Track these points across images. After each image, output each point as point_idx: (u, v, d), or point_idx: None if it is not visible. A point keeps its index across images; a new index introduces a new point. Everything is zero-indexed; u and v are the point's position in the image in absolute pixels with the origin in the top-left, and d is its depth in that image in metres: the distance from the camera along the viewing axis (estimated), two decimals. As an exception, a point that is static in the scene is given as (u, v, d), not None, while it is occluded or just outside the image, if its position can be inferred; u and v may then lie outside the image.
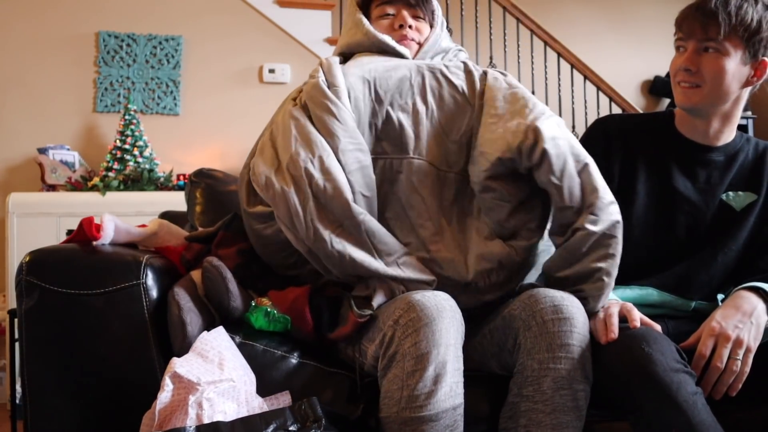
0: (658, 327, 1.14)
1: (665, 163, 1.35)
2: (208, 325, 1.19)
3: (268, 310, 1.21)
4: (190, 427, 0.99)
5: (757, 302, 1.17)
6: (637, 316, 1.14)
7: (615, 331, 1.11)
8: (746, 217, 1.32)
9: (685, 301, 1.33)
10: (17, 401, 2.18)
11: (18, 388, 2.13)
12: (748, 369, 1.12)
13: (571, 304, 1.10)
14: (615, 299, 1.24)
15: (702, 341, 1.13)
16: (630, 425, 1.07)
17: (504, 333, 1.14)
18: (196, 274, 1.26)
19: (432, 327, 1.03)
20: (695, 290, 1.33)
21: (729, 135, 1.35)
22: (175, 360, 1.09)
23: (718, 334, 1.12)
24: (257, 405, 1.10)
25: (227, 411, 1.05)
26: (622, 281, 1.32)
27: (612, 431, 1.12)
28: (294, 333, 1.23)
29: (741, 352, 1.12)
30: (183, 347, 1.13)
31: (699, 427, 0.98)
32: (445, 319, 1.06)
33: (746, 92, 1.29)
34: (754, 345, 1.14)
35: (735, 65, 1.22)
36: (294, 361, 1.20)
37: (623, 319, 1.15)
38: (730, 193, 1.33)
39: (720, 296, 1.35)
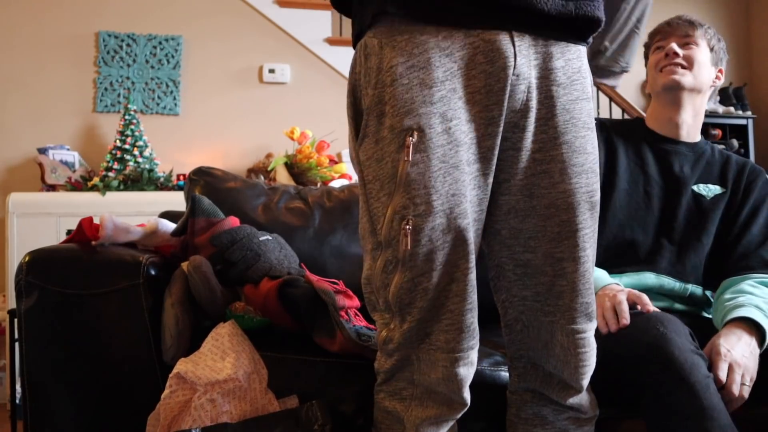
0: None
1: (641, 152, 1.47)
2: (197, 323, 1.19)
3: (245, 317, 1.21)
4: (195, 429, 0.99)
5: (750, 340, 1.19)
6: (648, 301, 1.19)
7: (627, 317, 1.14)
8: (717, 205, 1.43)
9: (681, 283, 1.37)
10: (17, 401, 2.18)
11: (18, 388, 2.13)
12: (746, 396, 1.14)
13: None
14: (616, 284, 1.26)
15: (717, 365, 1.13)
16: (640, 409, 1.07)
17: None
18: (186, 266, 1.26)
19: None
20: (689, 273, 1.38)
21: (696, 134, 1.48)
22: (181, 360, 1.08)
23: (732, 361, 1.14)
24: (266, 402, 1.09)
25: (233, 411, 1.04)
26: (618, 269, 1.34)
27: (620, 431, 1.11)
28: (278, 327, 1.22)
29: (748, 380, 1.14)
30: (172, 345, 1.13)
31: (709, 411, 1.00)
32: None
33: (709, 93, 1.49)
34: (755, 376, 1.16)
35: (707, 60, 1.46)
36: (304, 357, 1.19)
37: (632, 305, 1.18)
38: (701, 185, 1.45)
39: (708, 292, 1.39)
